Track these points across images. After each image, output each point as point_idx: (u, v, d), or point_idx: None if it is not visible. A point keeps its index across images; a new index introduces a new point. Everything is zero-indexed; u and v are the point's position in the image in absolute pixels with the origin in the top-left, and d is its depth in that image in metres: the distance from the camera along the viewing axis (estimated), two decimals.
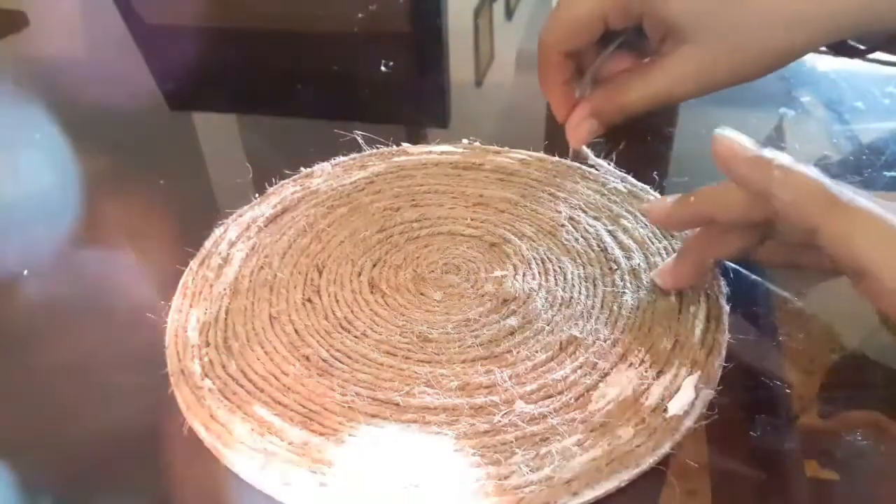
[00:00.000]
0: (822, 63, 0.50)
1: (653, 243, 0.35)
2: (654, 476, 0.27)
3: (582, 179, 0.40)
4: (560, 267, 0.35)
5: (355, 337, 0.32)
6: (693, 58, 0.34)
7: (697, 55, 0.34)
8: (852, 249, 0.24)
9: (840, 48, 0.40)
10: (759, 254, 0.33)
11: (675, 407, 0.28)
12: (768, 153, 0.26)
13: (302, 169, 0.42)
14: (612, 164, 0.40)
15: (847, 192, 0.25)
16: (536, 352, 0.30)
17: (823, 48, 0.40)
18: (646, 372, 0.29)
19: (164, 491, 0.28)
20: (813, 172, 0.25)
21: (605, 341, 0.31)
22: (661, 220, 0.33)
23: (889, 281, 0.23)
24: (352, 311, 0.33)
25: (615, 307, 0.32)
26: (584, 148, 0.40)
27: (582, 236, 0.36)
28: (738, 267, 0.35)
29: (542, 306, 0.33)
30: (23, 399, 0.32)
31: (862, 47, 0.39)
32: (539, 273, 0.34)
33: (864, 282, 0.24)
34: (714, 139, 0.28)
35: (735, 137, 0.27)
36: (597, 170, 0.40)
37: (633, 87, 0.36)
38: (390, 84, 0.54)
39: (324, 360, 0.31)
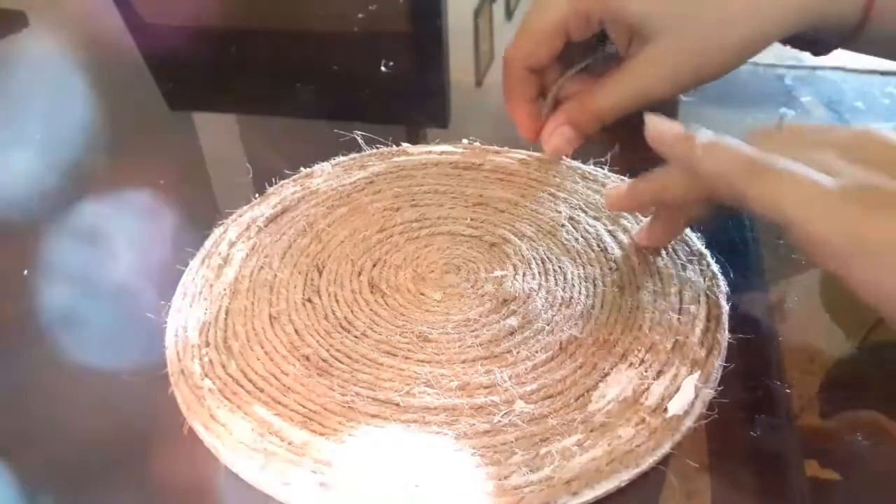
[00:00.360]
0: (822, 63, 0.50)
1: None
2: (654, 476, 0.27)
3: (582, 179, 0.40)
4: (560, 267, 0.35)
5: (355, 337, 0.32)
6: (658, 56, 0.35)
7: (662, 53, 0.35)
8: (777, 208, 0.25)
9: (801, 44, 0.41)
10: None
11: (675, 407, 0.28)
12: (692, 130, 0.28)
13: (302, 169, 0.42)
14: (605, 166, 0.40)
15: (767, 156, 0.26)
16: (536, 352, 0.30)
17: (785, 45, 0.40)
18: (646, 372, 0.29)
19: (163, 491, 0.28)
20: (734, 142, 0.27)
21: (604, 341, 0.31)
22: (617, 205, 0.34)
23: (811, 229, 0.24)
24: (352, 311, 0.33)
25: (615, 307, 0.32)
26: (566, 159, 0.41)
27: (582, 236, 0.36)
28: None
29: (542, 306, 0.33)
30: (23, 399, 0.32)
31: (828, 43, 0.39)
32: (539, 273, 0.34)
33: (794, 236, 0.25)
34: (645, 123, 0.30)
35: (663, 120, 0.30)
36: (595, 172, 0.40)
37: (604, 91, 0.37)
38: (390, 84, 0.54)
39: (324, 360, 0.31)
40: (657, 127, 0.30)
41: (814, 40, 0.39)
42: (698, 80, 0.36)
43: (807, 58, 0.41)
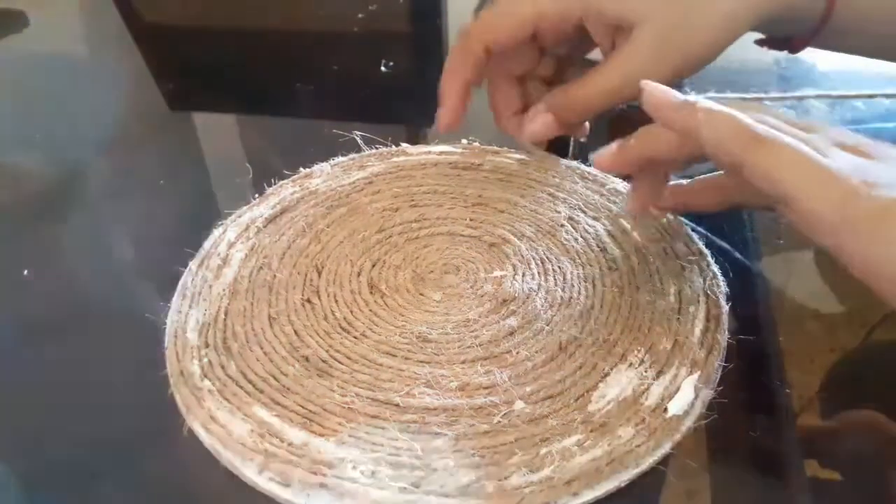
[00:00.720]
0: (822, 63, 0.50)
1: (651, 243, 0.35)
2: (654, 476, 0.27)
3: (581, 179, 0.40)
4: (559, 267, 0.35)
5: (355, 337, 0.32)
6: (642, 41, 0.35)
7: (645, 38, 0.35)
8: (772, 180, 0.26)
9: (774, 44, 0.42)
10: (699, 201, 0.34)
11: (675, 407, 0.28)
12: (692, 98, 0.28)
13: (301, 169, 0.42)
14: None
15: (767, 128, 0.26)
16: (536, 352, 0.30)
17: (762, 46, 0.42)
18: (646, 372, 0.29)
19: (163, 492, 0.28)
20: (734, 112, 0.27)
21: (604, 341, 0.31)
22: (607, 163, 0.33)
23: (806, 202, 0.25)
24: (351, 312, 0.33)
25: (614, 307, 0.32)
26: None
27: (581, 236, 0.36)
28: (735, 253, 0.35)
29: (542, 306, 0.32)
30: (22, 400, 0.32)
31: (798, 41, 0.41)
32: (538, 273, 0.34)
33: (787, 208, 0.26)
34: (643, 90, 0.30)
35: (660, 86, 0.30)
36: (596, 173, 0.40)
37: (590, 80, 0.37)
38: (390, 84, 0.54)
39: (323, 361, 0.31)
40: (654, 93, 0.29)
41: (785, 37, 0.41)
42: (684, 63, 0.36)
43: (807, 57, 0.42)
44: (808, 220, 0.26)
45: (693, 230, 0.36)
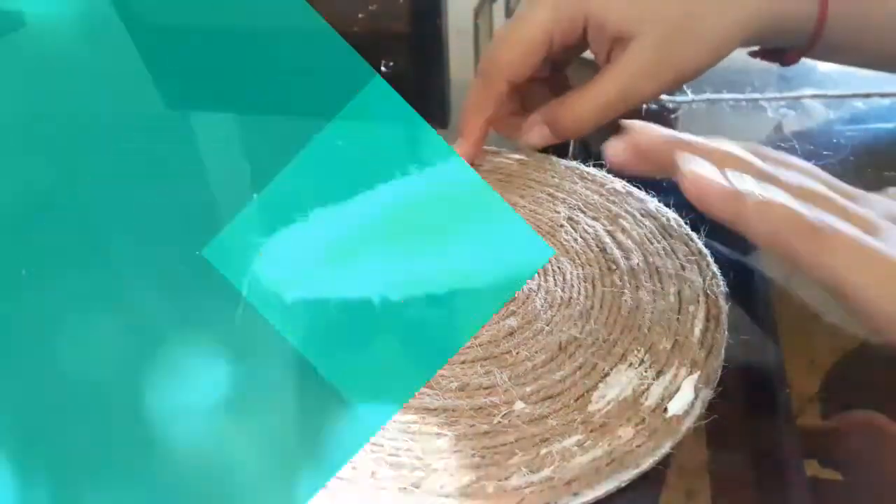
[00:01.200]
0: (821, 63, 0.50)
1: (651, 243, 0.35)
2: (654, 476, 0.27)
3: (580, 180, 0.40)
4: (559, 267, 0.35)
5: None
6: (639, 53, 0.36)
7: (643, 50, 0.36)
8: (836, 275, 0.24)
9: (768, 55, 0.43)
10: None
11: (675, 407, 0.28)
12: (737, 181, 0.26)
13: None
14: (605, 167, 0.40)
15: (824, 218, 0.25)
16: (536, 352, 0.30)
17: (755, 57, 0.43)
18: (645, 372, 0.29)
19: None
20: (787, 200, 0.25)
21: (604, 341, 0.31)
22: (639, 147, 0.30)
23: (876, 301, 0.24)
24: None
25: (614, 307, 0.32)
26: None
27: (581, 236, 0.36)
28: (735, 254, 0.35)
29: (542, 307, 0.32)
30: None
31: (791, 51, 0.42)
32: (538, 273, 0.34)
33: (845, 299, 0.25)
34: (681, 177, 0.26)
35: (701, 171, 0.26)
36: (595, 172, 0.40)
37: (586, 94, 0.37)
38: (390, 84, 0.54)
39: None
40: (697, 180, 0.26)
41: (779, 49, 0.42)
42: (678, 76, 0.37)
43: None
44: (874, 316, 0.24)
45: (693, 230, 0.36)
